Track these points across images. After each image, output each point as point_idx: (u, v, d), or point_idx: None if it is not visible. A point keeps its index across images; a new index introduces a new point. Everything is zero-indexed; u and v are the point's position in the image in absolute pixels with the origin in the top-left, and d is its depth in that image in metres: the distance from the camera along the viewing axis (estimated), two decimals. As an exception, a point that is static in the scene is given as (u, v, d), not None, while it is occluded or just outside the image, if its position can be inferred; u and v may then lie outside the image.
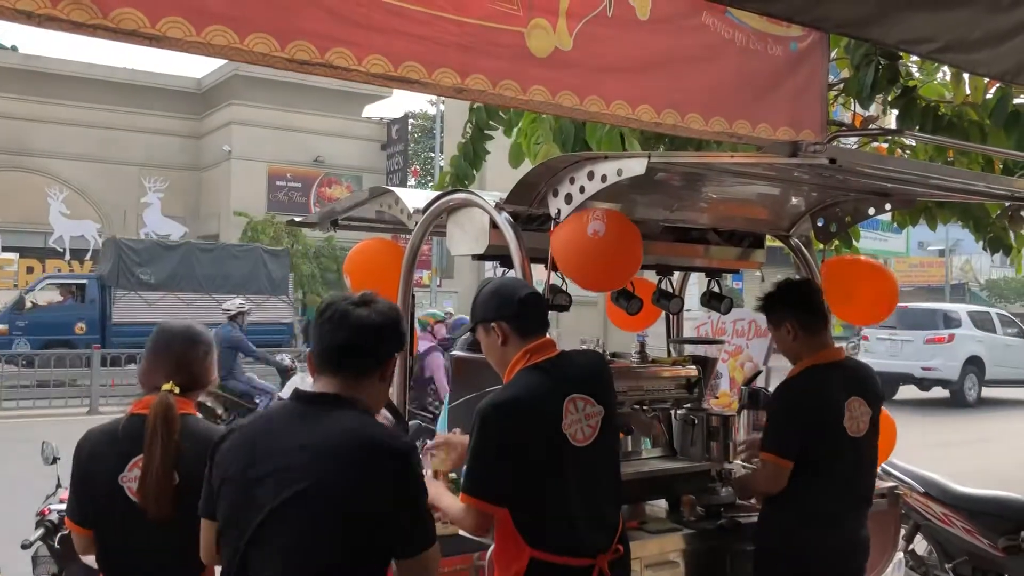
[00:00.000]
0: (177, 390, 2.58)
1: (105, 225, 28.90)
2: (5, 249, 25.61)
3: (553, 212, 3.21)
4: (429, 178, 32.43)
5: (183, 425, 2.50)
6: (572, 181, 3.12)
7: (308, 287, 27.06)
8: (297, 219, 4.70)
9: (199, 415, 2.65)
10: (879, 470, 4.92)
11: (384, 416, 3.40)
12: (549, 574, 2.56)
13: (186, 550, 2.23)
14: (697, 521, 3.50)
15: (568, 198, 3.15)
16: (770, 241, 4.46)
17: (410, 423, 3.74)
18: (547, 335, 2.80)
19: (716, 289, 4.28)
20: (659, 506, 3.72)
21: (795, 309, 3.39)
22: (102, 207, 29.36)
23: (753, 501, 3.74)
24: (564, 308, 3.37)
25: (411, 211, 3.73)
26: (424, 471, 2.16)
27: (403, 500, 1.96)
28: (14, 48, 31.26)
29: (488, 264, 26.05)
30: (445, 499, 2.71)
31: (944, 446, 11.95)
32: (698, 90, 3.10)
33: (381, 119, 33.33)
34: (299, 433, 1.97)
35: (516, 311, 2.70)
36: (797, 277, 3.71)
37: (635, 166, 2.84)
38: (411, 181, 31.33)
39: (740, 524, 3.59)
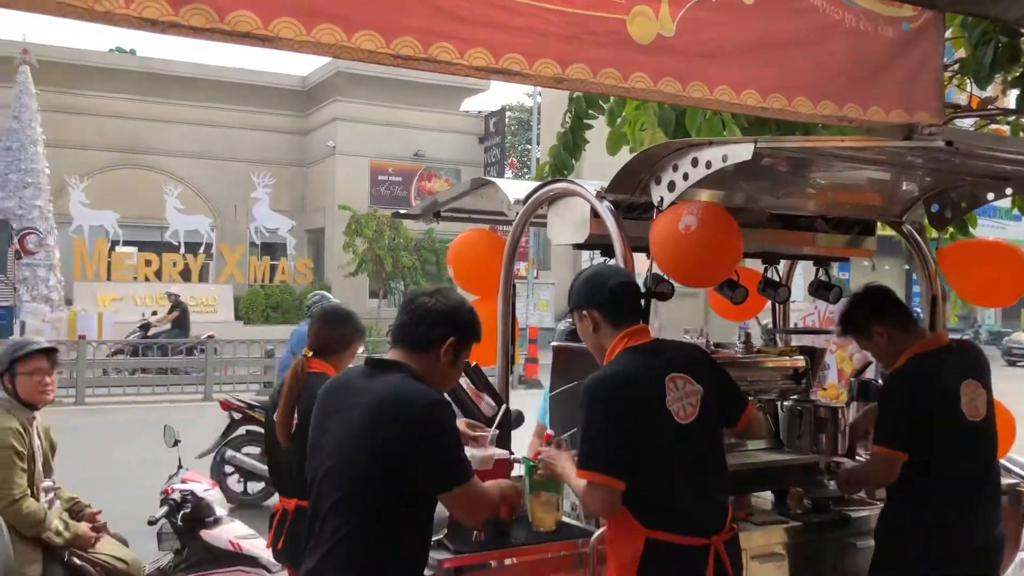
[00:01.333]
0: (310, 354, 3.50)
1: (217, 220, 30.05)
2: (125, 243, 26.91)
3: (655, 200, 3.18)
4: (526, 170, 32.53)
5: (306, 381, 3.31)
6: (675, 168, 3.08)
7: (409, 278, 27.56)
8: (401, 212, 4.79)
9: (330, 374, 3.29)
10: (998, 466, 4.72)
11: (488, 402, 3.47)
12: (666, 554, 2.57)
13: (301, 465, 2.66)
14: (804, 514, 3.44)
15: (671, 186, 3.11)
16: (881, 229, 4.31)
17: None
18: (643, 323, 2.85)
19: (824, 278, 4.17)
20: (764, 498, 3.66)
21: (878, 314, 3.32)
22: (214, 202, 30.52)
23: (863, 495, 3.64)
24: (666, 297, 3.34)
25: (511, 201, 3.75)
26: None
27: (420, 443, 2.26)
28: (132, 52, 32.75)
29: (585, 255, 26.05)
30: (575, 482, 2.72)
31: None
32: (806, 73, 3.02)
33: (479, 112, 33.58)
34: (360, 387, 2.38)
35: (607, 299, 2.77)
36: (863, 288, 3.60)
37: (741, 152, 2.78)
38: (508, 173, 31.49)
39: (850, 518, 3.50)
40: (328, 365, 3.50)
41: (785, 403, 3.84)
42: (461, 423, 3.00)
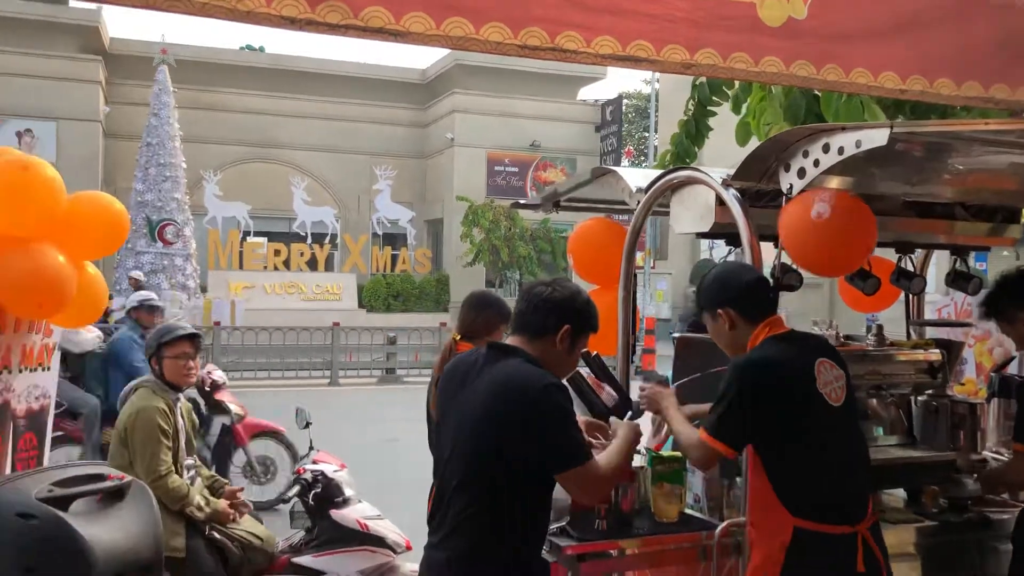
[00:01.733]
0: (458, 337, 3.69)
1: (341, 211, 30.97)
2: (255, 234, 28.08)
3: (784, 187, 3.10)
4: (643, 159, 32.15)
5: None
6: (806, 154, 2.99)
7: (524, 267, 27.73)
8: (521, 201, 4.82)
9: None
10: None
11: (608, 392, 3.46)
12: (815, 543, 2.54)
13: None
14: (940, 513, 3.29)
15: (801, 172, 3.02)
16: (1025, 217, 4.07)
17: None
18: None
19: (963, 268, 3.97)
20: (897, 495, 3.53)
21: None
22: (338, 194, 31.47)
23: (1006, 496, 3.47)
24: (794, 288, 3.25)
25: (633, 190, 3.73)
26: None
27: (536, 423, 2.31)
28: (261, 49, 34.03)
29: (704, 245, 25.56)
30: (677, 423, 2.80)
31: None
32: (949, 53, 2.86)
33: (595, 101, 33.38)
34: (479, 371, 2.47)
35: (741, 296, 2.76)
36: (1013, 271, 3.40)
37: (876, 137, 2.67)
38: (624, 162, 31.17)
39: (990, 520, 3.34)
40: (469, 346, 3.58)
41: (919, 398, 3.69)
42: (581, 422, 2.97)
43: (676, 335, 3.94)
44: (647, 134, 31.77)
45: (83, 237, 3.99)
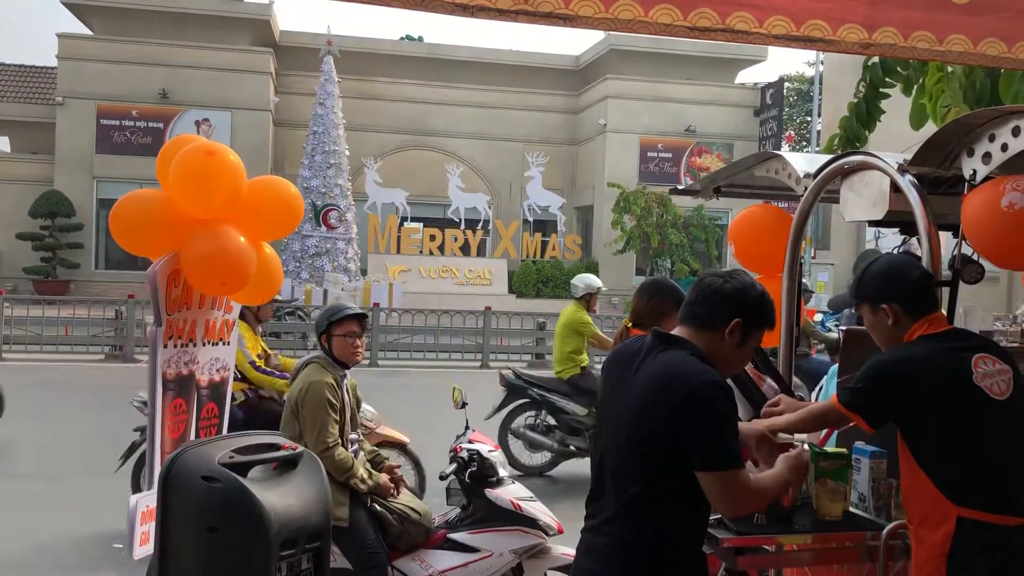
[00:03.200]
0: (630, 324, 3.73)
1: (493, 197, 31.47)
2: (412, 219, 28.97)
3: (967, 173, 2.92)
4: (804, 143, 30.95)
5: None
6: (992, 139, 2.81)
7: (677, 256, 27.32)
8: (679, 187, 4.75)
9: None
10: None
11: (770, 384, 3.38)
12: (980, 534, 2.46)
13: None
14: None
15: (987, 157, 2.84)
16: None
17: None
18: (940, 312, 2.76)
19: None
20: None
21: None
22: (491, 181, 31.99)
23: None
24: (975, 280, 3.07)
25: (800, 175, 3.60)
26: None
27: (688, 417, 2.25)
28: (420, 39, 34.95)
29: (870, 234, 24.35)
30: (788, 420, 2.83)
31: None
32: None
33: (755, 84, 32.40)
34: (642, 360, 2.44)
35: (908, 292, 2.68)
36: None
37: (1075, 118, 2.48)
38: (785, 147, 30.11)
39: None
40: (646, 334, 3.55)
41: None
42: (752, 435, 2.89)
43: (843, 327, 3.79)
44: (809, 118, 30.56)
45: (262, 219, 4.24)
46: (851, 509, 3.04)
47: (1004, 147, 2.79)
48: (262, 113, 28.63)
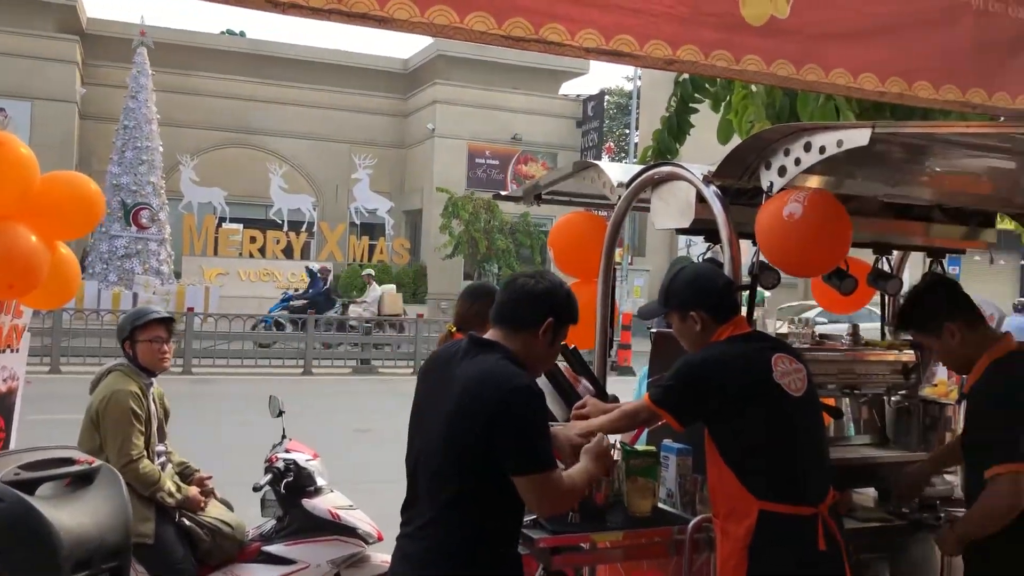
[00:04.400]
0: (454, 328, 3.64)
1: (319, 199, 30.80)
2: (231, 220, 27.88)
3: (765, 185, 3.12)
4: (623, 155, 32.20)
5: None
6: (787, 153, 3.01)
7: (504, 261, 27.73)
8: (502, 193, 4.82)
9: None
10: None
11: (585, 385, 3.47)
12: (778, 525, 2.62)
13: None
14: (910, 513, 3.33)
15: (782, 171, 3.04)
16: (1000, 221, 4.13)
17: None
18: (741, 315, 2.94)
19: (939, 270, 4.02)
20: (868, 494, 3.57)
21: (957, 310, 2.95)
22: (316, 182, 31.30)
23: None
24: (771, 287, 3.28)
25: (614, 184, 3.73)
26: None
27: (499, 423, 2.29)
28: (242, 34, 33.78)
29: (682, 241, 25.66)
30: (600, 421, 2.90)
31: None
32: (928, 56, 2.89)
33: (577, 96, 33.40)
34: (456, 366, 2.44)
35: (716, 300, 2.85)
36: (922, 281, 3.30)
37: (857, 137, 2.70)
38: (605, 157, 31.18)
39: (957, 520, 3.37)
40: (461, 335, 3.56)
41: (892, 399, 3.73)
42: (570, 425, 2.96)
43: (654, 330, 3.95)
44: (628, 131, 31.83)
45: (56, 217, 3.94)
46: (660, 505, 3.18)
47: (797, 161, 3.00)
48: (66, 105, 26.71)
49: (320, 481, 4.35)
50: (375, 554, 4.33)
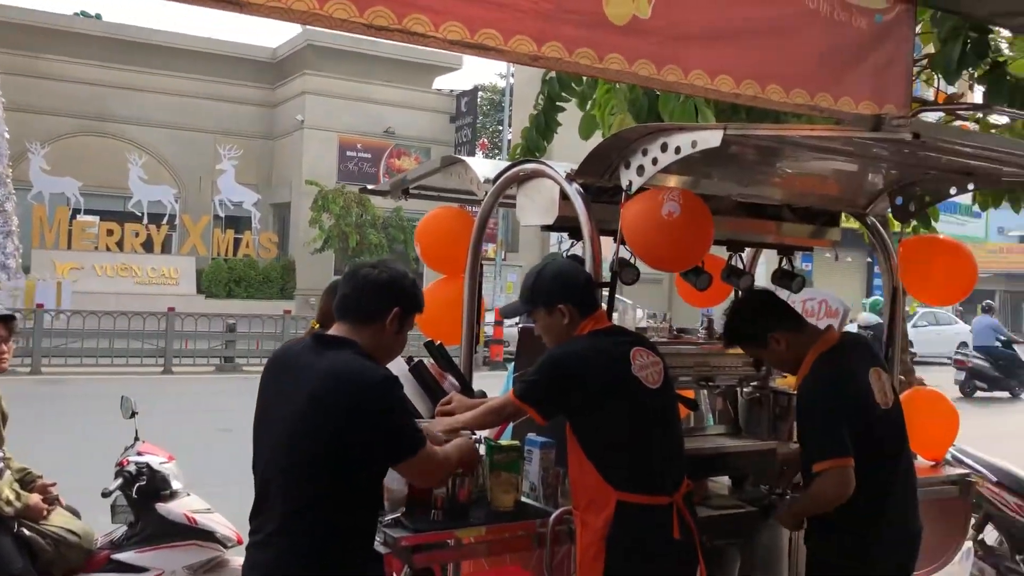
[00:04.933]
0: (317, 326, 3.33)
1: (181, 191, 29.61)
2: (86, 212, 26.45)
3: (624, 184, 3.17)
4: (497, 151, 32.42)
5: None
6: (644, 153, 3.07)
7: (375, 256, 27.43)
8: (370, 187, 4.75)
9: None
10: (950, 456, 4.81)
11: (451, 381, 3.45)
12: (635, 515, 2.68)
13: None
14: (762, 499, 3.46)
15: (640, 170, 3.10)
16: (845, 220, 4.35)
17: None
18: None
19: (787, 267, 4.20)
20: (722, 483, 3.69)
21: (773, 318, 3.14)
22: (179, 173, 30.10)
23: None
24: (631, 282, 3.34)
25: (481, 180, 3.73)
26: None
27: (366, 420, 2.27)
28: (98, 16, 32.07)
29: (554, 238, 26.04)
30: (465, 417, 2.94)
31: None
32: (779, 61, 3.02)
33: (451, 91, 33.37)
34: (304, 364, 2.38)
35: (581, 294, 2.90)
36: (742, 294, 3.51)
37: (710, 138, 2.78)
38: (479, 154, 31.34)
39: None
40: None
41: (745, 390, 3.87)
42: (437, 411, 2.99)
43: (522, 325, 3.97)
44: (501, 127, 32.05)
45: None
46: (523, 499, 3.19)
47: (655, 161, 3.06)
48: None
49: (175, 484, 4.16)
50: (235, 558, 4.18)
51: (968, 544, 4.92)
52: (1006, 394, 16.69)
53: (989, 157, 3.13)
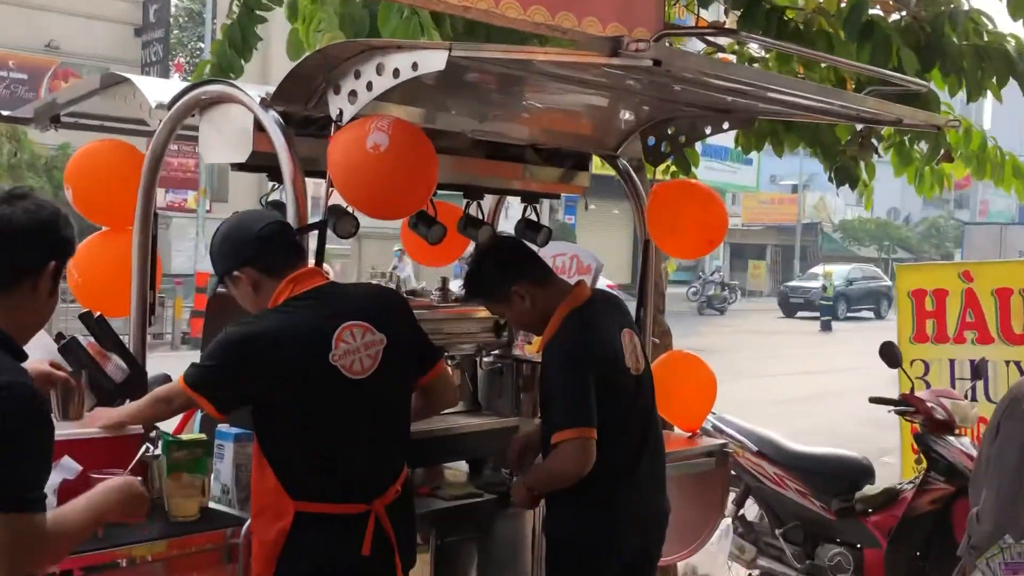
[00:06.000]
0: None
1: None
2: None
3: (334, 113, 3.10)
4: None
5: None
6: (358, 75, 3.01)
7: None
8: (4, 113, 4.35)
9: None
10: (708, 426, 5.21)
11: (116, 364, 3.26)
12: (319, 527, 2.63)
13: None
14: (502, 485, 3.55)
15: (352, 96, 3.03)
16: (600, 167, 4.53)
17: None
18: (311, 265, 2.91)
19: (532, 216, 4.32)
20: (459, 469, 3.76)
21: (515, 270, 3.24)
22: None
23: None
24: (349, 235, 3.30)
25: (153, 106, 3.51)
26: None
27: None
28: None
29: (270, 185, 25.52)
30: (128, 409, 2.88)
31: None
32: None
33: (137, -3, 31.57)
34: None
35: (257, 251, 2.77)
36: (488, 240, 3.66)
37: (434, 60, 2.76)
38: (174, 76, 29.92)
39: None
40: None
41: (485, 360, 3.95)
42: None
43: (211, 295, 3.81)
44: (203, 44, 30.72)
45: None
46: (212, 504, 3.09)
47: (370, 86, 3.00)
48: None
49: None
50: None
51: (727, 521, 5.36)
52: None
53: (741, 91, 3.36)
